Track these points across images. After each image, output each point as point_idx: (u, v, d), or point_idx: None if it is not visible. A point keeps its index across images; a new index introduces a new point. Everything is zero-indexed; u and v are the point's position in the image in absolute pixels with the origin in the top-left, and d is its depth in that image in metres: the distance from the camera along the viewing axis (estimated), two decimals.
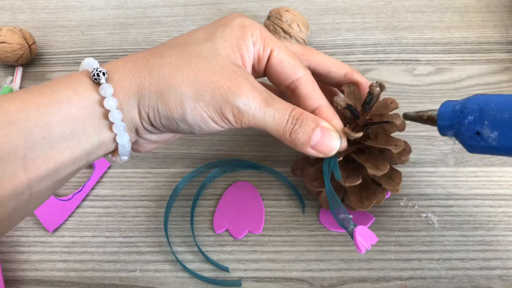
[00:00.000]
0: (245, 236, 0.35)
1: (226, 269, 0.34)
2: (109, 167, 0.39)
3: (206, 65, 0.25)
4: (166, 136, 0.30)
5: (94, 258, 0.35)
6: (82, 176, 0.39)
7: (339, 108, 0.29)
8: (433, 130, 0.31)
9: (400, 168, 0.34)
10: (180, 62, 0.25)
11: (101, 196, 0.38)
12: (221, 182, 0.38)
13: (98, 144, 0.25)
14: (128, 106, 0.25)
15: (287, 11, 0.42)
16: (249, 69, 0.28)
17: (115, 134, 0.25)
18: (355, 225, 0.26)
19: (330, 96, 0.32)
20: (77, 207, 0.37)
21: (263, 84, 0.30)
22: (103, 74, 0.24)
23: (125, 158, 0.27)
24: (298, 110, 0.26)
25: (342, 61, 0.44)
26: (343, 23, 0.47)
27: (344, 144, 0.28)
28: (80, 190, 0.37)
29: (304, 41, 0.43)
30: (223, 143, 0.40)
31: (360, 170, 0.31)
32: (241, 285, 0.33)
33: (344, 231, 0.35)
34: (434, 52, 0.44)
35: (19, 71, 0.45)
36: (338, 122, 0.28)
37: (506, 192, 0.36)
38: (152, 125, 0.26)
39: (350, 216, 0.26)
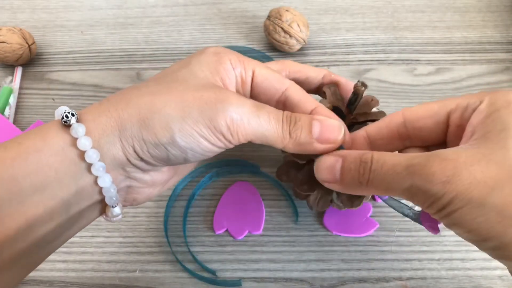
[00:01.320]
0: (245, 236, 0.35)
1: (213, 272, 0.34)
2: None
3: (187, 86, 0.24)
4: (162, 175, 0.27)
5: (94, 258, 0.35)
6: None
7: None
8: None
9: None
10: (159, 89, 0.24)
11: None
12: (221, 182, 0.38)
13: (76, 191, 0.22)
14: (107, 143, 0.22)
15: (287, 11, 0.42)
16: (231, 89, 0.27)
17: (96, 177, 0.23)
18: (417, 212, 0.26)
19: None
20: None
21: None
22: (72, 114, 0.22)
23: (118, 211, 0.25)
24: (288, 111, 0.26)
25: (342, 61, 0.45)
26: (343, 23, 0.47)
27: (348, 134, 0.27)
28: None
29: (304, 41, 0.43)
30: None
31: None
32: (241, 285, 0.33)
33: (345, 234, 0.35)
34: (435, 52, 0.44)
35: (18, 71, 0.45)
36: (336, 117, 0.27)
37: None
38: (140, 158, 0.23)
39: (414, 208, 0.27)
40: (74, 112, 0.22)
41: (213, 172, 0.38)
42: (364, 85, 0.29)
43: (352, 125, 0.30)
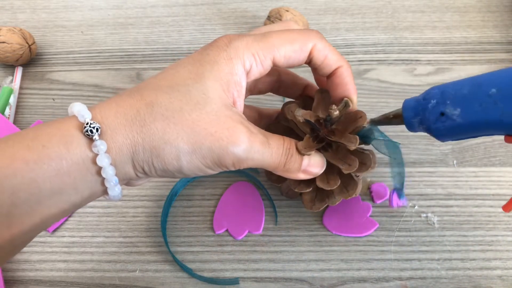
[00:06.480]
0: (245, 236, 0.35)
1: (189, 271, 0.34)
2: None
3: (200, 113, 0.24)
4: None
5: (94, 258, 0.35)
6: None
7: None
8: None
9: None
10: (172, 112, 0.24)
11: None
12: (221, 182, 0.38)
13: (88, 196, 0.25)
14: (122, 162, 0.24)
15: (287, 11, 0.42)
16: (239, 103, 0.27)
17: (107, 187, 0.25)
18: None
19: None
20: None
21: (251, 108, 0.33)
22: (96, 130, 0.23)
23: (117, 199, 0.27)
24: (288, 140, 0.27)
25: None
26: (343, 23, 0.47)
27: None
28: None
29: None
30: None
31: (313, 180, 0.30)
32: (238, 283, 0.33)
33: (345, 234, 0.35)
34: (434, 52, 0.44)
35: (19, 71, 0.45)
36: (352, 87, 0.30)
37: (506, 192, 0.36)
38: (146, 174, 0.26)
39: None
40: (98, 127, 0.23)
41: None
42: (346, 104, 0.28)
43: (322, 140, 0.29)
